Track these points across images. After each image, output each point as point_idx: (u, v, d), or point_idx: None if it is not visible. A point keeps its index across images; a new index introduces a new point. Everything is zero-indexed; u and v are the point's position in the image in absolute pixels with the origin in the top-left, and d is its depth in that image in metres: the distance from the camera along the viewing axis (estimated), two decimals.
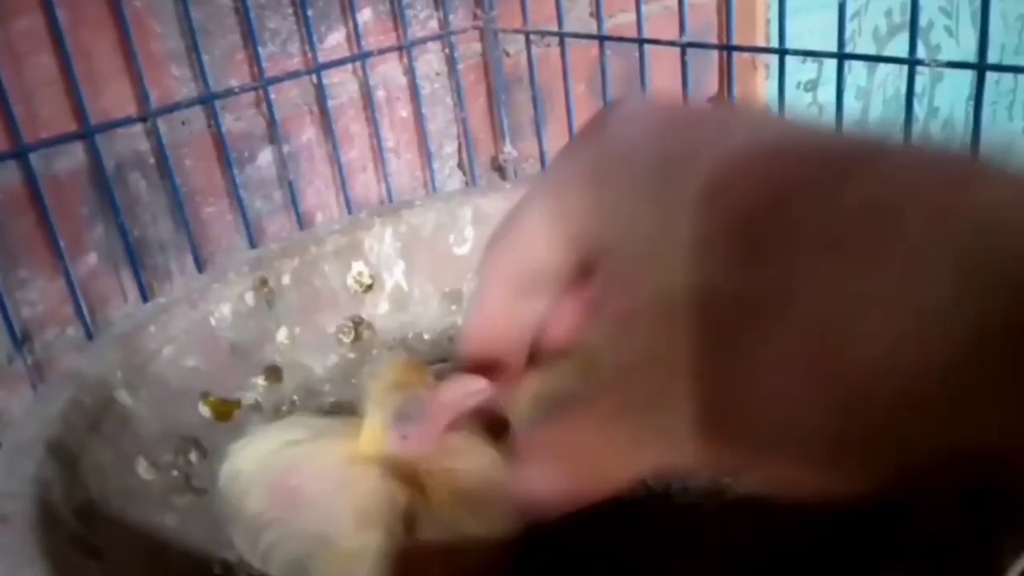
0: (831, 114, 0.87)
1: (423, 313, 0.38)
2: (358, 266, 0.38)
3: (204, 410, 0.32)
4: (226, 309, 0.34)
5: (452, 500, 0.24)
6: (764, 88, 0.70)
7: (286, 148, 0.54)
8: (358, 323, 0.37)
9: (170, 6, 0.49)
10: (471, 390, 0.23)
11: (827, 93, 0.88)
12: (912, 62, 0.44)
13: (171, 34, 0.49)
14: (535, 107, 0.62)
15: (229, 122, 0.52)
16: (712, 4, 0.71)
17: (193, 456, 0.31)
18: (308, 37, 0.53)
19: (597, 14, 0.58)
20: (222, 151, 0.51)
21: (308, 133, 0.55)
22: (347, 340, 0.37)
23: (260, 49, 0.51)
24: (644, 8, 0.56)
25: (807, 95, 0.77)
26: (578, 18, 0.64)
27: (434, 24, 0.59)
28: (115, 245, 0.48)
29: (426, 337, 0.38)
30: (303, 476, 0.25)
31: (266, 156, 0.54)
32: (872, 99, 0.85)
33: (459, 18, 0.59)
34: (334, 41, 0.55)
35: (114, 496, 0.27)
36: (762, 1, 0.72)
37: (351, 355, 0.36)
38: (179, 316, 0.33)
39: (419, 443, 0.24)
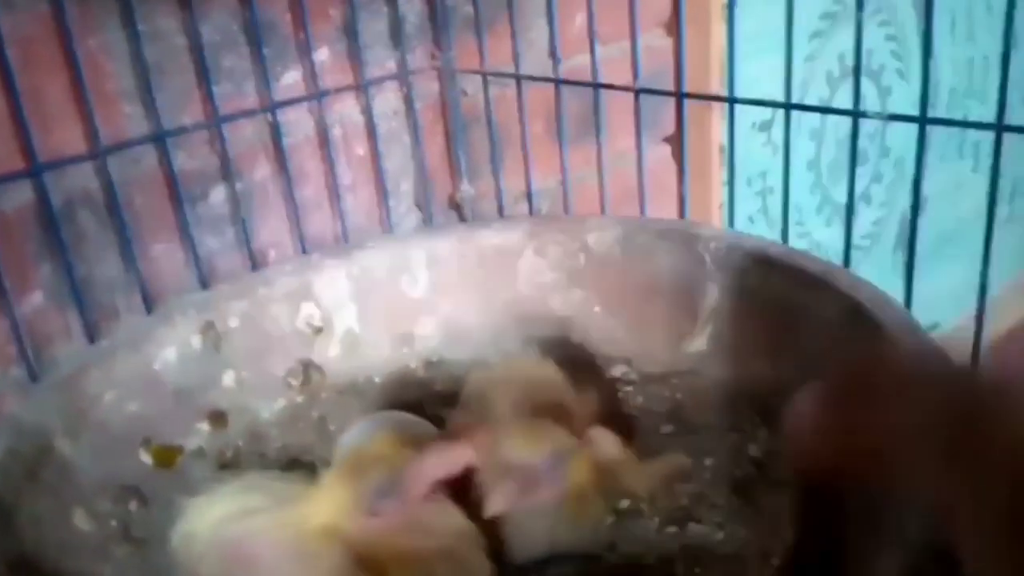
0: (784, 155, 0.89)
1: (374, 356, 0.38)
2: (308, 308, 0.38)
3: (146, 457, 0.32)
4: (171, 353, 0.34)
5: None
6: (719, 129, 0.72)
7: (239, 186, 0.53)
8: (308, 366, 0.37)
9: (123, 45, 0.49)
10: (454, 458, 0.24)
11: (781, 133, 0.90)
12: (856, 114, 0.45)
13: (124, 73, 0.49)
14: (492, 146, 0.62)
15: (182, 160, 0.52)
16: (668, 47, 0.72)
17: (133, 505, 0.31)
18: (263, 75, 0.53)
19: (553, 57, 0.59)
20: (173, 189, 0.51)
21: (262, 171, 0.55)
22: (296, 384, 0.37)
23: (214, 87, 0.51)
24: (599, 51, 0.56)
25: (761, 135, 0.79)
26: (536, 58, 0.65)
27: (392, 64, 0.59)
28: (62, 284, 0.47)
29: (376, 380, 0.38)
30: (260, 545, 0.25)
31: (219, 194, 0.53)
32: (825, 140, 0.87)
33: (417, 58, 0.60)
34: (291, 80, 0.55)
35: (50, 548, 0.27)
36: (717, 44, 0.74)
37: (299, 399, 0.36)
38: (122, 360, 0.33)
39: (391, 519, 0.24)
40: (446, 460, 0.25)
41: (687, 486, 0.31)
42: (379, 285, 0.39)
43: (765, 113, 0.78)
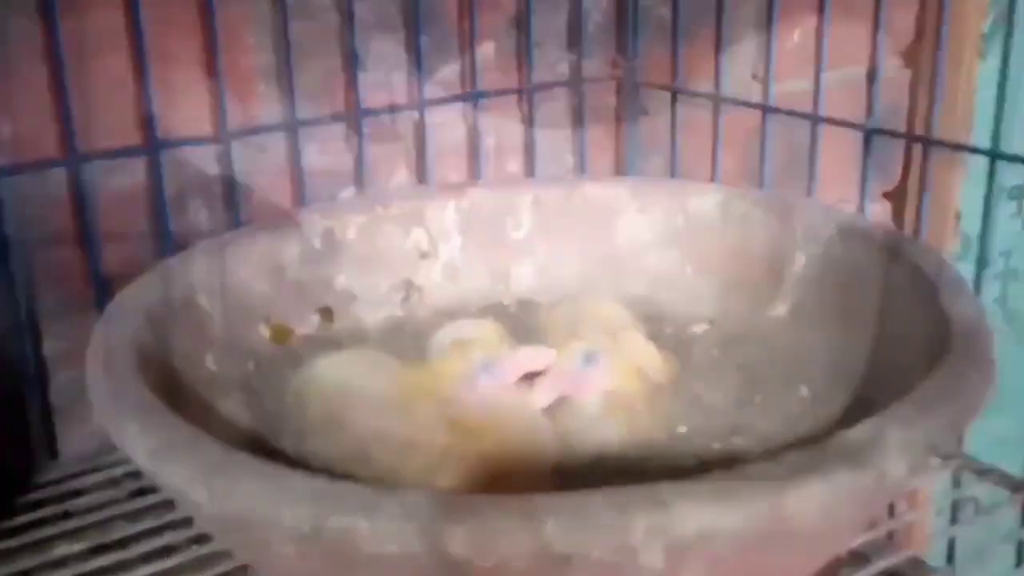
0: None
1: (472, 288, 0.40)
2: (418, 233, 0.40)
3: (264, 331, 0.36)
4: (295, 249, 0.38)
5: (490, 445, 0.30)
6: (959, 189, 0.58)
7: (371, 192, 0.47)
8: (410, 286, 0.40)
9: (268, 17, 0.44)
10: (543, 356, 0.32)
11: None
12: None
13: (263, 47, 0.44)
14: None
15: (312, 154, 0.46)
16: (905, 81, 0.59)
17: (250, 365, 0.35)
18: (416, 67, 0.47)
19: (765, 79, 0.48)
20: (298, 187, 0.46)
21: (399, 178, 0.49)
22: (397, 299, 0.40)
23: (360, 74, 0.46)
24: (823, 78, 0.45)
25: (1011, 204, 0.64)
26: (737, 79, 0.54)
27: (564, 68, 0.52)
28: None
29: (471, 310, 0.41)
30: (363, 394, 0.32)
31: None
32: None
33: (595, 64, 0.52)
34: (446, 75, 0.49)
35: (186, 373, 0.31)
36: (967, 87, 0.60)
37: (399, 313, 0.40)
38: (258, 244, 0.37)
39: (487, 393, 0.31)
40: (535, 356, 0.32)
41: (738, 413, 0.33)
42: (485, 222, 0.41)
43: (1019, 177, 0.63)
